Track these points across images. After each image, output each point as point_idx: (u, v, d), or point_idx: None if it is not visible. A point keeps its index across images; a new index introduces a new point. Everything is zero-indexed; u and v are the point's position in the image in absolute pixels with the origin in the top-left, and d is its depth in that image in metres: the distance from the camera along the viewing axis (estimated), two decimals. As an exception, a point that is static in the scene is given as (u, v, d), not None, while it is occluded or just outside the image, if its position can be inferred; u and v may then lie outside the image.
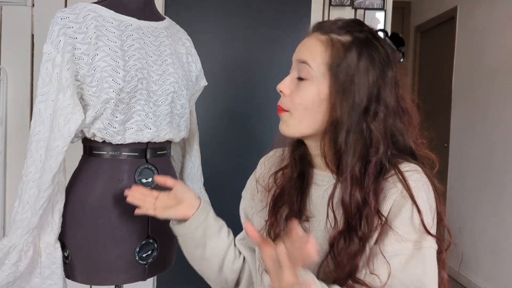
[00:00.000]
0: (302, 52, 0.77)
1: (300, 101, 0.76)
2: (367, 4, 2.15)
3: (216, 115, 2.18)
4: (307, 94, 0.75)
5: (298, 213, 0.82)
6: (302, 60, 0.76)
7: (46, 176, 0.96)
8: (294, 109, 0.77)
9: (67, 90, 0.96)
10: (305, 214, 0.82)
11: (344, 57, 0.73)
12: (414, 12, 4.18)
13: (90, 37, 0.98)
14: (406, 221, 0.69)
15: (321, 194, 0.81)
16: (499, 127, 2.72)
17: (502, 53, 2.73)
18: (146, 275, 1.11)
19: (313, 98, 0.75)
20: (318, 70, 0.74)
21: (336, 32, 0.76)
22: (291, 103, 0.77)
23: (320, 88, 0.74)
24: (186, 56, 1.20)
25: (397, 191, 0.71)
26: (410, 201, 0.70)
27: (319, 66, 0.74)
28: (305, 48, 0.77)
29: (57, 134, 0.96)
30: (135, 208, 0.98)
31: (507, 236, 2.60)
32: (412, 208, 0.70)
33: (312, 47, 0.76)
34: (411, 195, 0.70)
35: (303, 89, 0.76)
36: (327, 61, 0.74)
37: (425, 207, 0.71)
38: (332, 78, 0.73)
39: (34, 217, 0.97)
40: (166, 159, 1.16)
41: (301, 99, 0.75)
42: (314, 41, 0.77)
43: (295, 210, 0.82)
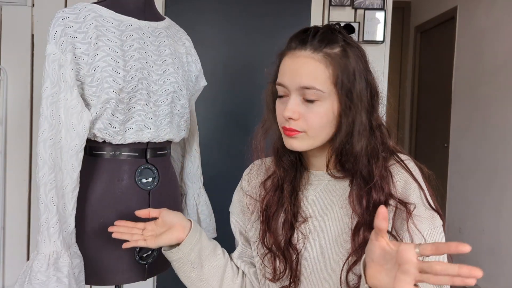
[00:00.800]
0: (304, 78, 0.74)
1: (316, 122, 0.76)
2: (367, 4, 2.15)
3: (216, 115, 2.18)
4: (322, 113, 0.75)
5: (294, 216, 0.83)
6: (307, 86, 0.74)
7: (71, 176, 0.96)
8: (311, 129, 0.76)
9: (73, 89, 0.96)
10: (302, 215, 0.83)
11: (343, 68, 0.75)
12: (414, 12, 4.18)
13: (90, 37, 0.98)
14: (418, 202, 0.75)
15: (319, 194, 0.82)
16: (499, 127, 2.72)
17: (502, 53, 2.73)
18: (146, 275, 1.11)
19: (328, 115, 0.76)
20: (327, 90, 0.75)
21: (327, 46, 0.75)
22: (307, 125, 0.76)
23: (333, 105, 0.76)
24: (186, 56, 1.20)
25: (402, 177, 0.77)
26: (416, 185, 0.76)
27: (327, 86, 0.74)
28: (304, 73, 0.75)
29: (73, 133, 0.96)
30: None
31: (507, 236, 2.60)
32: (419, 191, 0.76)
33: (312, 71, 0.74)
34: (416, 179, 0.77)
35: (317, 110, 0.75)
36: (332, 79, 0.75)
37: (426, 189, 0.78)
38: (339, 91, 0.75)
39: (70, 219, 0.96)
40: (166, 159, 1.16)
41: (317, 119, 0.76)
42: (311, 63, 0.74)
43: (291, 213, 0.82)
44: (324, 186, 0.82)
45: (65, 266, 0.93)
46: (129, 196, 1.06)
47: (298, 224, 0.82)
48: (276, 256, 0.83)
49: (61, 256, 0.93)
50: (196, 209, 1.29)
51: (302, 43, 0.76)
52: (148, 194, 1.09)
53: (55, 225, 0.93)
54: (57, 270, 0.92)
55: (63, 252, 0.93)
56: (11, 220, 2.04)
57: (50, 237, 0.92)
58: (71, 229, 0.97)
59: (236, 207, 0.95)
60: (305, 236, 0.82)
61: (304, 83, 0.74)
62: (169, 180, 1.16)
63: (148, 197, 1.09)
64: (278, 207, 0.84)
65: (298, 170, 0.86)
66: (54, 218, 0.93)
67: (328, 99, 0.75)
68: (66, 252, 0.94)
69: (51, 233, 0.92)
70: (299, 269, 0.82)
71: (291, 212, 0.82)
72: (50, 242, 0.92)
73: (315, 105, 0.75)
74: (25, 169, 2.04)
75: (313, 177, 0.84)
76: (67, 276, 0.92)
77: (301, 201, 0.84)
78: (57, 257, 0.93)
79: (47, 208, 0.93)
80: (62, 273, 0.92)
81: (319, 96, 0.74)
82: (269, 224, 0.84)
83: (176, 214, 0.88)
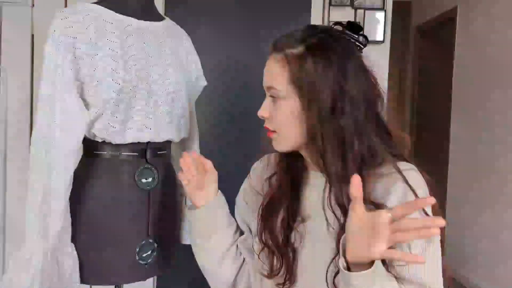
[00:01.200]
0: (266, 78, 0.81)
1: (280, 119, 0.79)
2: (367, 4, 2.15)
3: (216, 115, 2.18)
4: (283, 113, 0.79)
5: (293, 215, 0.83)
6: (267, 86, 0.80)
7: (64, 176, 0.96)
8: (278, 128, 0.81)
9: (71, 89, 0.96)
10: (301, 215, 0.83)
11: (301, 68, 0.75)
12: (414, 12, 4.18)
13: (90, 37, 0.98)
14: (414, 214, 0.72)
15: (317, 195, 0.82)
16: (500, 126, 2.72)
17: (502, 53, 2.73)
18: (146, 275, 1.11)
19: (288, 115, 0.78)
20: (285, 89, 0.77)
21: (290, 46, 0.77)
22: (274, 124, 0.81)
23: (292, 104, 0.77)
24: (186, 56, 1.20)
25: (399, 188, 0.73)
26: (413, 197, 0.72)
27: (284, 86, 0.78)
28: (267, 73, 0.81)
29: (69, 133, 0.96)
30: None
31: (507, 236, 2.60)
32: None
33: (272, 70, 0.79)
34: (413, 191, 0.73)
35: (279, 109, 0.79)
36: (289, 78, 0.76)
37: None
38: (298, 91, 0.76)
39: (59, 219, 0.96)
40: (166, 159, 1.16)
41: (280, 118, 0.79)
42: (272, 63, 0.79)
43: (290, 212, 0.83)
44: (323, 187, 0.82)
45: (33, 266, 0.93)
46: (129, 196, 1.06)
47: (296, 223, 0.83)
48: (272, 252, 0.83)
49: (34, 255, 0.93)
50: (196, 209, 1.29)
51: (273, 45, 0.80)
52: (148, 194, 1.09)
53: (35, 224, 0.94)
54: (23, 270, 0.92)
55: (38, 253, 0.93)
56: (11, 220, 2.04)
57: (30, 236, 0.93)
58: (58, 230, 0.96)
59: (241, 198, 0.97)
60: (302, 236, 0.82)
61: (266, 83, 0.81)
62: (169, 180, 1.16)
63: (148, 197, 1.09)
64: (278, 205, 0.84)
65: (299, 169, 0.86)
66: (36, 217, 0.93)
67: (289, 98, 0.77)
68: (43, 253, 0.94)
69: (31, 232, 0.93)
70: (295, 267, 0.82)
71: (290, 211, 0.83)
72: (28, 241, 0.93)
73: (278, 104, 0.79)
74: (25, 169, 2.02)
75: (312, 177, 0.85)
76: (31, 278, 0.92)
77: (301, 201, 0.84)
78: (30, 257, 0.93)
79: (31, 207, 0.94)
80: (28, 273, 0.92)
81: (279, 95, 0.78)
82: (268, 221, 0.85)
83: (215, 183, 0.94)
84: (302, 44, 0.76)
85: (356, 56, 0.79)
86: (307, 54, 0.75)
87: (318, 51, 0.75)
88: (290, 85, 0.76)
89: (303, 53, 0.76)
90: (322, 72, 0.74)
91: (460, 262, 3.07)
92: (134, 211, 1.06)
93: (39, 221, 0.94)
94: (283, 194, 0.84)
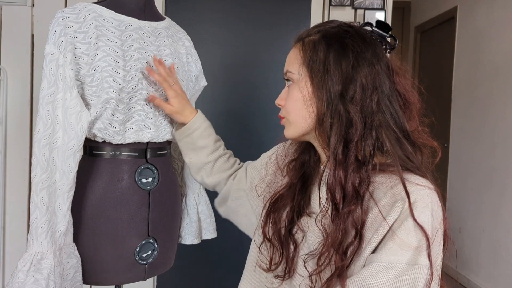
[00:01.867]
0: (286, 65, 0.84)
1: (290, 104, 0.81)
2: (367, 4, 2.15)
3: (216, 115, 2.18)
4: (294, 96, 0.80)
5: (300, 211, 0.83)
6: (285, 71, 0.83)
7: (67, 177, 0.96)
8: (288, 114, 0.82)
9: (72, 89, 0.96)
10: (308, 211, 0.83)
11: (314, 51, 0.78)
12: (414, 12, 4.18)
13: (90, 37, 0.98)
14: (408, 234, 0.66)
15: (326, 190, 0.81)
16: (500, 126, 2.72)
17: (502, 53, 2.73)
18: (146, 275, 1.11)
19: (299, 97, 0.79)
20: (298, 72, 0.80)
21: (309, 34, 0.81)
22: (285, 110, 0.83)
23: (303, 87, 0.79)
24: (186, 56, 1.20)
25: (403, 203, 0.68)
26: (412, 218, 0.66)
27: (298, 69, 0.80)
28: (286, 61, 0.84)
29: (71, 133, 0.96)
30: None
31: (507, 236, 2.60)
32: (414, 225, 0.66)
33: (291, 56, 0.83)
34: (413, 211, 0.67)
35: (291, 93, 0.81)
36: (302, 61, 0.79)
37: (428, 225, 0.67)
38: (309, 73, 0.78)
39: (63, 220, 0.96)
40: (166, 159, 1.16)
41: (291, 102, 0.81)
42: (292, 51, 0.83)
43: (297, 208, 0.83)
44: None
45: (47, 267, 0.93)
46: (129, 196, 1.06)
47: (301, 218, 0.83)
48: (273, 246, 0.84)
49: (45, 257, 0.93)
50: (196, 209, 1.29)
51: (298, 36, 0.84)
52: (148, 194, 1.09)
53: (43, 225, 0.93)
54: (36, 271, 0.92)
55: (48, 253, 0.93)
56: (11, 220, 2.05)
57: (38, 237, 0.93)
58: (64, 230, 0.96)
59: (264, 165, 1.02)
60: (304, 230, 0.81)
61: (285, 68, 0.84)
62: (169, 180, 1.16)
63: (148, 197, 1.09)
64: (286, 202, 0.85)
65: (312, 165, 0.87)
66: (43, 218, 0.93)
67: (301, 81, 0.79)
68: (53, 253, 0.94)
69: (39, 233, 0.93)
70: (295, 261, 0.82)
71: (297, 207, 0.83)
72: (37, 242, 0.93)
73: (290, 88, 0.82)
74: (25, 169, 2.04)
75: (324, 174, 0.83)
76: (45, 279, 0.92)
77: (310, 197, 0.84)
78: (40, 258, 0.93)
79: (37, 208, 0.93)
80: (42, 275, 0.92)
81: (293, 78, 0.81)
82: (273, 216, 0.86)
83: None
84: (319, 33, 0.80)
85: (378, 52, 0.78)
86: (322, 40, 0.78)
87: (333, 38, 0.78)
88: (303, 67, 0.79)
89: (319, 39, 0.79)
90: (335, 56, 0.76)
91: (460, 262, 3.07)
92: (134, 211, 1.06)
93: (47, 222, 0.94)
94: (292, 192, 0.85)
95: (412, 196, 0.67)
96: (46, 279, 0.92)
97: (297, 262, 0.82)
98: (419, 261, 0.65)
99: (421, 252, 0.65)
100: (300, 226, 0.82)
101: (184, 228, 1.26)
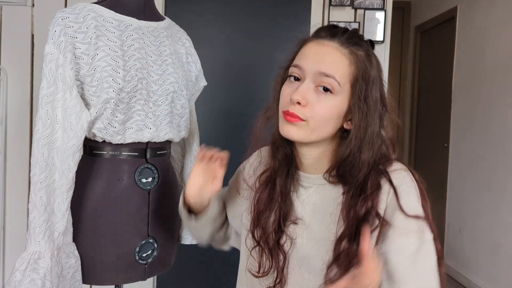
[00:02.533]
0: (327, 65, 0.74)
1: (322, 113, 0.75)
2: (367, 4, 2.15)
3: (216, 115, 2.18)
4: (331, 107, 0.75)
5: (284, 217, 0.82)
6: (327, 74, 0.74)
7: (66, 176, 0.96)
8: (313, 119, 0.75)
9: (72, 89, 0.96)
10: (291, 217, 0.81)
11: (364, 71, 0.76)
12: (414, 12, 4.18)
13: (90, 37, 0.98)
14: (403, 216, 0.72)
15: (310, 196, 0.81)
16: (499, 126, 2.72)
17: (502, 53, 2.73)
18: (146, 275, 1.11)
19: (335, 111, 0.76)
20: (343, 84, 0.75)
21: (354, 45, 0.77)
22: (311, 114, 0.75)
23: (342, 102, 0.76)
24: (186, 56, 1.20)
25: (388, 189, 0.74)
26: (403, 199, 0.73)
27: (344, 81, 0.75)
28: (329, 61, 0.75)
29: (71, 133, 0.96)
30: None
31: (507, 236, 2.60)
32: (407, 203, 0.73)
33: (336, 61, 0.75)
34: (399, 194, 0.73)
35: (327, 102, 0.75)
36: (351, 77, 0.75)
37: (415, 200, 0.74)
38: (353, 91, 0.75)
39: (62, 220, 0.96)
40: (166, 159, 1.16)
41: (324, 111, 0.75)
42: (337, 54, 0.75)
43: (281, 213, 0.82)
44: (315, 189, 0.81)
45: (44, 267, 0.93)
46: (129, 196, 1.06)
47: (287, 225, 0.81)
48: (263, 251, 0.82)
49: (43, 257, 0.93)
50: (196, 209, 1.29)
51: (332, 35, 0.77)
52: (148, 194, 1.09)
53: (41, 225, 0.93)
54: (33, 271, 0.92)
55: (46, 253, 0.93)
56: (11, 220, 2.05)
57: (35, 237, 0.93)
58: (63, 230, 0.96)
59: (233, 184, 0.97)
60: (293, 239, 0.80)
61: (326, 70, 0.74)
62: (169, 180, 1.16)
63: (148, 197, 1.09)
64: (269, 204, 0.83)
65: (291, 166, 0.85)
66: (41, 218, 0.93)
67: (340, 95, 0.75)
68: (50, 253, 0.94)
69: (37, 232, 0.93)
70: (285, 270, 0.81)
71: (282, 211, 0.82)
72: (35, 242, 0.93)
73: (326, 96, 0.74)
74: (25, 169, 2.04)
75: (303, 179, 0.83)
76: (42, 278, 0.92)
77: (293, 202, 0.83)
78: (38, 257, 0.93)
79: (35, 208, 0.93)
80: (38, 274, 0.92)
81: (334, 87, 0.74)
82: (259, 219, 0.83)
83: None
84: (361, 48, 0.77)
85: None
86: (368, 59, 0.77)
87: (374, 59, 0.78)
88: (349, 83, 0.75)
89: (366, 57, 0.77)
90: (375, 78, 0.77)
91: (460, 262, 3.07)
92: (134, 211, 1.06)
93: (45, 222, 0.94)
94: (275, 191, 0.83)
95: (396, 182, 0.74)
96: (42, 279, 0.92)
97: (288, 273, 0.81)
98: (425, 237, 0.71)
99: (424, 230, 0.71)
100: (288, 235, 0.81)
101: (184, 228, 1.26)
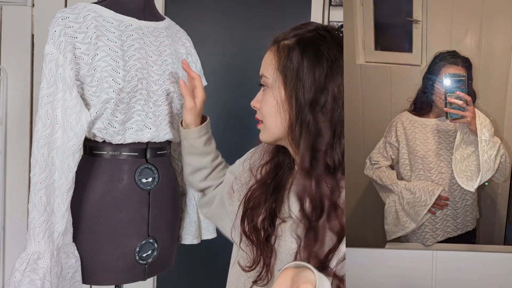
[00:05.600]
0: (261, 68, 0.83)
1: (265, 108, 0.81)
2: (367, 4, 2.15)
3: (216, 115, 2.17)
4: (268, 101, 0.81)
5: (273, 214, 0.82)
6: (261, 75, 0.83)
7: (66, 177, 0.96)
8: (263, 117, 0.83)
9: (72, 89, 0.96)
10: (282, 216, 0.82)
11: (289, 57, 0.77)
12: (414, 12, 4.19)
13: (90, 37, 0.98)
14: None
15: None
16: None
17: (502, 53, 2.73)
18: (146, 275, 1.11)
19: (273, 104, 0.79)
20: (273, 77, 0.79)
21: (285, 38, 0.80)
22: (261, 113, 0.83)
23: (277, 93, 0.78)
24: (186, 56, 1.21)
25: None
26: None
27: (272, 74, 0.79)
28: (262, 64, 0.84)
29: (71, 133, 0.96)
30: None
31: (507, 236, 2.60)
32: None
33: (266, 60, 0.83)
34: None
35: (265, 98, 0.82)
36: (277, 66, 0.78)
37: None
38: (283, 80, 0.77)
39: (62, 220, 0.96)
40: (166, 159, 1.16)
41: (265, 106, 0.81)
42: (267, 54, 0.83)
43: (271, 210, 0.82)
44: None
45: (43, 268, 0.92)
46: (129, 196, 1.06)
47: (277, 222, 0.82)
48: (252, 244, 0.83)
49: (42, 257, 0.93)
50: (196, 209, 1.29)
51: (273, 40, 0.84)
52: (148, 194, 1.09)
53: (41, 225, 0.93)
54: (32, 271, 0.92)
55: (45, 253, 0.93)
56: (11, 220, 2.04)
57: (35, 237, 0.93)
58: (63, 230, 0.96)
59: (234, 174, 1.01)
60: (281, 235, 0.81)
61: (260, 72, 0.83)
62: (169, 180, 1.16)
63: (148, 197, 1.09)
64: (261, 200, 0.84)
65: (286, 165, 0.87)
66: (41, 218, 0.93)
67: (275, 87, 0.79)
68: (50, 253, 0.94)
69: (36, 233, 0.93)
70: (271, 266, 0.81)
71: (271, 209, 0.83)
72: (34, 242, 0.93)
73: (266, 93, 0.82)
74: (25, 169, 2.04)
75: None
76: (41, 279, 0.92)
77: (284, 201, 0.83)
78: (37, 258, 0.93)
79: (35, 208, 0.93)
80: (37, 275, 0.92)
81: (267, 83, 0.81)
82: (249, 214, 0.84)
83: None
84: (295, 37, 0.79)
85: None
86: (296, 45, 0.77)
87: (308, 44, 0.77)
88: (277, 73, 0.79)
89: (293, 44, 0.78)
90: (308, 64, 0.75)
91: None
92: (134, 211, 1.06)
93: (45, 222, 0.94)
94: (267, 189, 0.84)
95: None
96: (41, 279, 0.92)
97: (274, 269, 0.81)
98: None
99: None
100: (275, 232, 0.81)
101: (184, 228, 1.26)
